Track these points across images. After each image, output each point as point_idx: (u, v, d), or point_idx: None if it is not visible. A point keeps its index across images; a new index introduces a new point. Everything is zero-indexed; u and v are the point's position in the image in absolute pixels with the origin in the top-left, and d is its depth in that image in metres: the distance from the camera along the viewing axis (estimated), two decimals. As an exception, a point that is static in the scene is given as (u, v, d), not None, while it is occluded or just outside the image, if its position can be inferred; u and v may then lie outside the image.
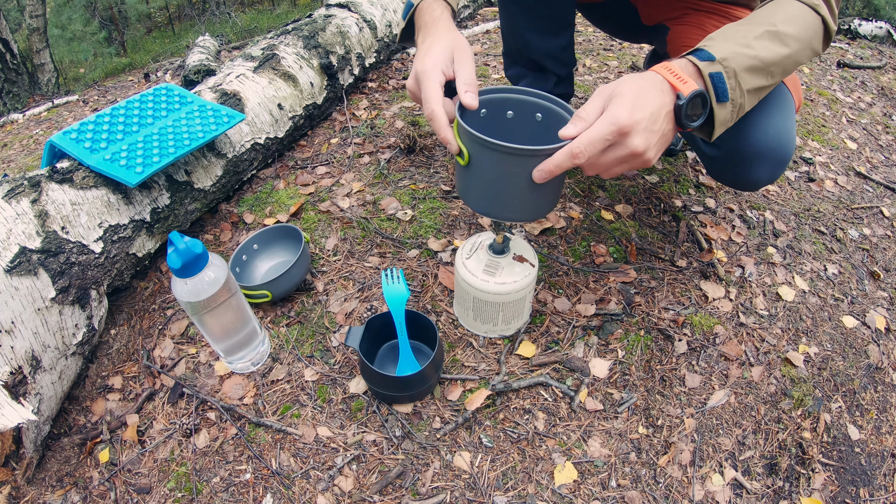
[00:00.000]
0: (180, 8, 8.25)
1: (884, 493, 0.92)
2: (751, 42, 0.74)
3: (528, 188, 0.75)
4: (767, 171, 0.93)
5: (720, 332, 1.08)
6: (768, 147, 0.89)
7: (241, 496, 0.87)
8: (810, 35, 0.79)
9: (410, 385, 0.91)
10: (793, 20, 0.77)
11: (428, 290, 1.14)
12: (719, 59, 0.71)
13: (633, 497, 0.85)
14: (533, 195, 0.78)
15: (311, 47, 1.62)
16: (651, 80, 0.69)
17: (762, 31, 0.75)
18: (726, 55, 0.72)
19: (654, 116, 0.67)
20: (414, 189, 1.40)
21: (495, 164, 0.75)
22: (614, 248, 1.24)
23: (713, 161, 0.97)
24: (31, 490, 0.88)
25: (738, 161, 0.93)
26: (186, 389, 1.00)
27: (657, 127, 0.67)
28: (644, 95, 0.67)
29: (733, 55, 0.72)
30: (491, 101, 0.86)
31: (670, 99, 0.69)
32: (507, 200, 0.79)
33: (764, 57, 0.74)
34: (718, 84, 0.71)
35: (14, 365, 0.83)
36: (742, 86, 0.73)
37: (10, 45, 4.22)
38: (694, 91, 0.69)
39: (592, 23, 1.43)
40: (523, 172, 0.73)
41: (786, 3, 0.80)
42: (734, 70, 0.72)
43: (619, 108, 0.66)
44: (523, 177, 0.73)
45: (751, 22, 0.78)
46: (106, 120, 1.15)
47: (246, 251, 1.17)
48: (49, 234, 0.95)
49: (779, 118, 0.90)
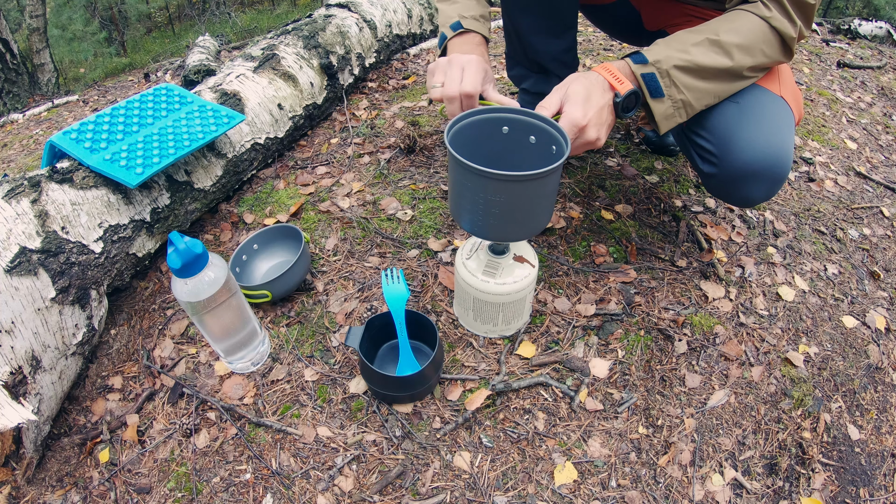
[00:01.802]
0: (180, 8, 8.25)
1: (884, 493, 0.92)
2: (688, 48, 0.85)
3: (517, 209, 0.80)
4: (763, 189, 0.94)
5: (720, 332, 1.08)
6: (763, 166, 0.90)
7: (241, 496, 0.87)
8: (759, 45, 0.87)
9: (410, 385, 0.91)
10: (738, 31, 0.87)
11: (428, 290, 1.14)
12: (652, 62, 0.85)
13: (633, 497, 0.85)
14: (526, 215, 0.82)
15: (311, 47, 1.63)
16: (595, 80, 0.85)
17: (702, 39, 0.86)
18: (659, 58, 0.85)
19: (600, 111, 0.84)
20: (414, 189, 1.40)
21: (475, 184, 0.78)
22: (614, 248, 1.24)
23: (710, 178, 0.98)
24: (31, 490, 0.88)
25: (734, 179, 0.94)
26: (186, 389, 1.00)
27: (603, 119, 0.85)
28: (592, 96, 0.83)
29: (666, 58, 0.85)
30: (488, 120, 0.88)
31: (610, 96, 0.85)
32: (500, 222, 0.82)
33: (699, 61, 0.85)
34: (650, 83, 0.85)
35: (14, 365, 0.83)
36: (677, 83, 0.85)
37: (10, 45, 4.22)
38: (629, 90, 0.85)
39: (594, 24, 1.43)
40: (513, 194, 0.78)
41: (737, 15, 0.89)
42: (666, 70, 0.84)
43: (575, 109, 0.82)
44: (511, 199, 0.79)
45: (697, 31, 0.88)
46: (106, 120, 1.15)
47: (246, 251, 1.17)
48: (49, 234, 0.95)
49: (774, 136, 0.91)
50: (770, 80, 0.96)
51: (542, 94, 1.39)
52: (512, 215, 0.80)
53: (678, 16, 1.18)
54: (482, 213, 0.81)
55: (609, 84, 0.85)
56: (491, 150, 0.88)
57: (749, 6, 0.89)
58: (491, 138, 0.88)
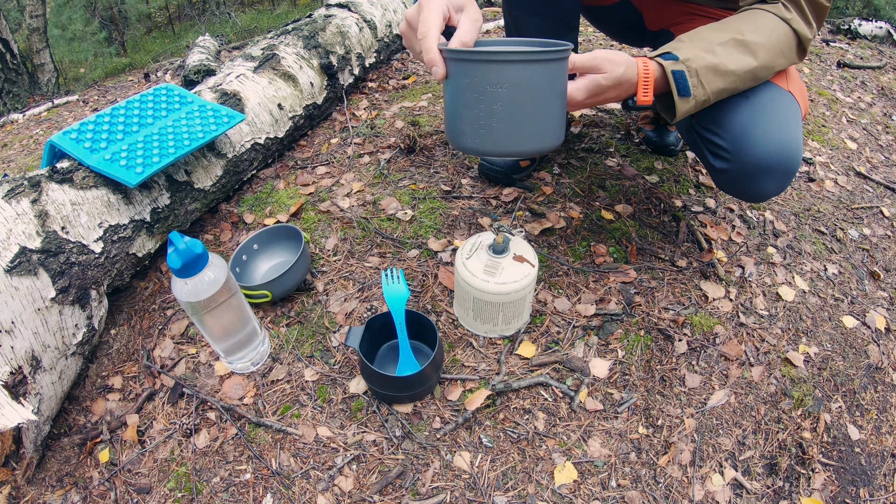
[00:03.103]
0: (180, 8, 8.25)
1: (884, 493, 0.92)
2: (714, 48, 0.85)
3: (521, 104, 0.73)
4: (775, 183, 0.94)
5: (720, 332, 1.08)
6: (776, 160, 0.90)
7: (241, 496, 0.87)
8: (781, 46, 0.87)
9: (410, 385, 0.91)
10: (761, 30, 0.86)
11: (428, 290, 1.14)
12: (682, 60, 0.84)
13: (633, 497, 0.85)
14: (532, 115, 0.75)
15: (311, 47, 1.62)
16: (628, 79, 0.83)
17: (728, 39, 0.85)
18: (689, 56, 0.84)
19: (606, 101, 0.86)
20: (414, 189, 1.40)
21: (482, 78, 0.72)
22: (614, 248, 1.24)
23: (721, 174, 0.98)
24: (31, 490, 0.88)
25: (747, 174, 0.93)
26: (186, 389, 1.00)
27: (611, 96, 0.85)
28: (612, 90, 0.83)
29: (695, 57, 0.84)
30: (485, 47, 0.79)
31: (626, 97, 0.86)
32: (504, 125, 0.75)
33: (727, 63, 0.85)
34: (680, 81, 0.84)
35: (14, 365, 0.83)
36: (704, 83, 0.85)
37: (10, 45, 4.22)
38: (643, 105, 0.86)
39: (595, 26, 1.43)
40: (515, 81, 0.72)
41: (758, 14, 0.88)
42: (696, 69, 0.84)
43: (605, 81, 0.81)
44: (514, 88, 0.72)
45: (720, 29, 0.88)
46: (106, 120, 1.15)
47: (246, 251, 1.17)
48: (49, 234, 0.95)
49: (786, 131, 0.91)
50: (778, 76, 0.96)
51: None
52: (518, 112, 0.74)
53: (680, 14, 1.18)
54: (484, 116, 0.74)
55: (636, 90, 0.85)
56: None
57: (769, 6, 0.89)
58: None
